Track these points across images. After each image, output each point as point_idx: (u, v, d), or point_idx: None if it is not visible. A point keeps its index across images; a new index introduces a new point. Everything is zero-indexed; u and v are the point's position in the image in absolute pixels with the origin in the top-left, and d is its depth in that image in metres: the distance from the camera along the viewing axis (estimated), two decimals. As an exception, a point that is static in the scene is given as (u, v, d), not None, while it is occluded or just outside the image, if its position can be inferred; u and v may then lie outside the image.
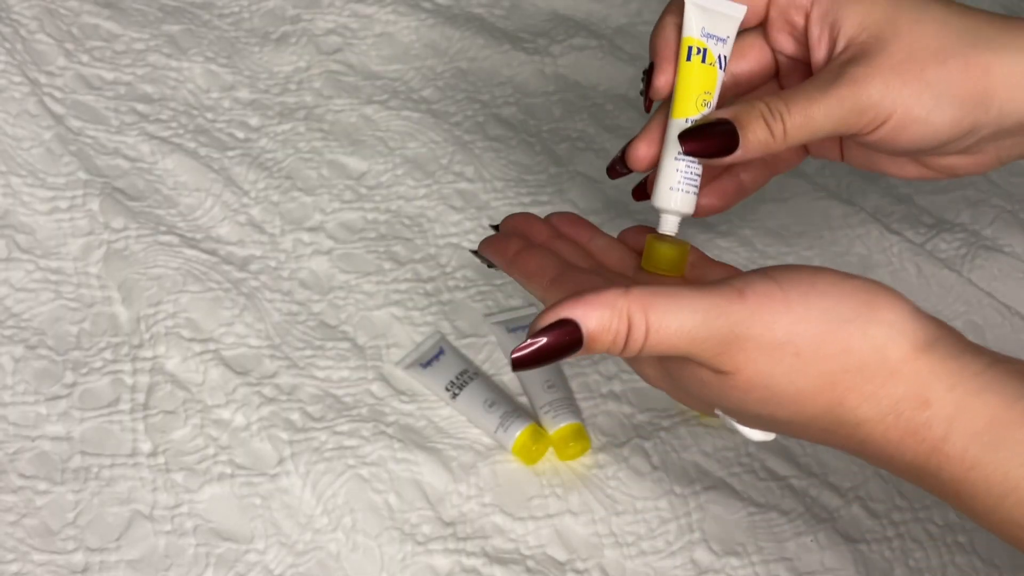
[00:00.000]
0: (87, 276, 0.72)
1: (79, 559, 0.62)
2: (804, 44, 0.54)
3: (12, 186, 0.74)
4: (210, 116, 0.81)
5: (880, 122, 0.50)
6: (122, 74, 0.81)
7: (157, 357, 0.69)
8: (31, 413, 0.66)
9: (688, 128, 0.51)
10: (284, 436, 0.66)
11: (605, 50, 0.86)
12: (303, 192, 0.78)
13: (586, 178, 0.79)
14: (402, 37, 0.86)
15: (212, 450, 0.66)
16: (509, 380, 0.70)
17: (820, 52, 0.52)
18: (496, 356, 0.71)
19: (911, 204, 0.79)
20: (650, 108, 0.55)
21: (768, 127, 0.50)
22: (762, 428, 0.48)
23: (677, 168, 0.52)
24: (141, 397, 0.67)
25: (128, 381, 0.68)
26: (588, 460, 0.67)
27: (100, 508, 0.63)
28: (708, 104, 0.52)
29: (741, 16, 0.53)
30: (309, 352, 0.70)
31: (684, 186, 0.52)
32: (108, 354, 0.69)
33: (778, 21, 0.54)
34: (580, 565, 0.63)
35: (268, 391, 0.68)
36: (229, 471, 0.65)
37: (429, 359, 0.70)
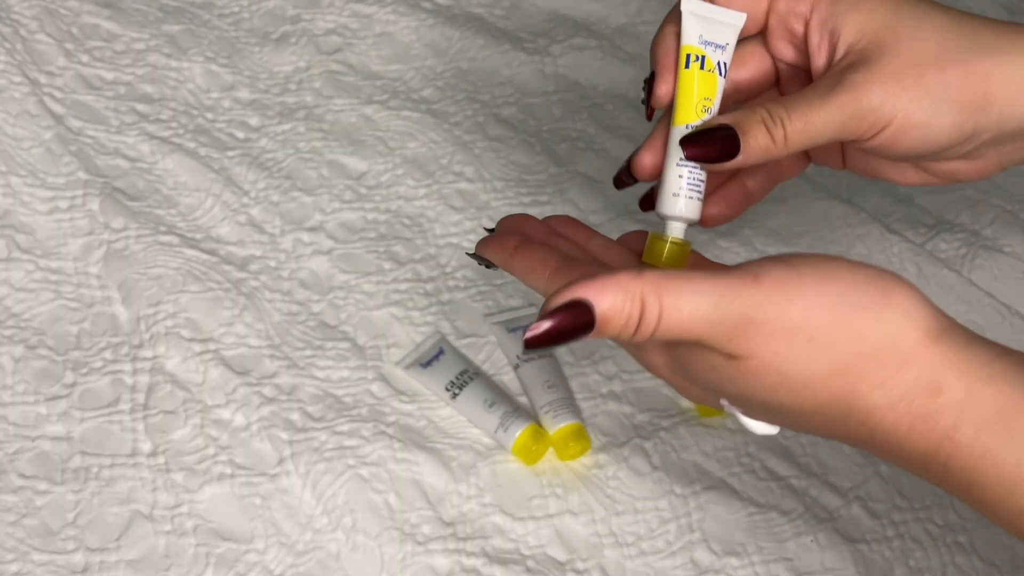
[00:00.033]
0: (87, 276, 0.72)
1: (79, 559, 0.62)
2: (804, 51, 0.54)
3: (12, 186, 0.74)
4: (210, 116, 0.81)
5: (880, 128, 0.50)
6: (122, 74, 0.81)
7: (157, 357, 0.69)
8: (31, 413, 0.66)
9: (689, 133, 0.51)
10: (284, 436, 0.66)
11: (605, 50, 0.86)
12: (303, 192, 0.78)
13: (586, 178, 0.79)
14: (402, 37, 0.86)
15: (212, 450, 0.66)
16: (509, 380, 0.70)
17: (820, 59, 0.53)
18: (496, 356, 0.71)
19: (911, 204, 0.79)
20: (652, 117, 0.55)
21: (769, 132, 0.50)
22: (768, 418, 0.47)
23: (680, 174, 0.52)
24: (141, 397, 0.67)
25: (128, 381, 0.68)
26: (588, 460, 0.67)
27: (100, 508, 0.63)
28: (709, 110, 0.52)
29: (740, 24, 0.53)
30: (309, 352, 0.70)
31: (688, 192, 0.52)
32: (108, 354, 0.69)
33: (778, 29, 0.54)
34: (580, 565, 0.63)
35: (268, 391, 0.68)
36: (229, 471, 0.65)
37: (429, 359, 0.70)
